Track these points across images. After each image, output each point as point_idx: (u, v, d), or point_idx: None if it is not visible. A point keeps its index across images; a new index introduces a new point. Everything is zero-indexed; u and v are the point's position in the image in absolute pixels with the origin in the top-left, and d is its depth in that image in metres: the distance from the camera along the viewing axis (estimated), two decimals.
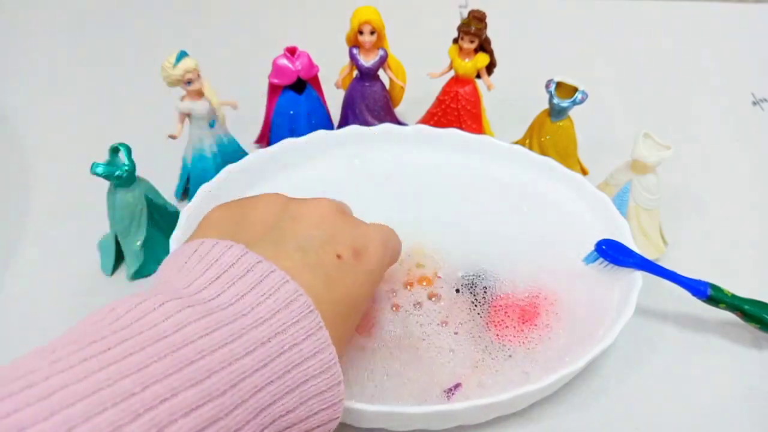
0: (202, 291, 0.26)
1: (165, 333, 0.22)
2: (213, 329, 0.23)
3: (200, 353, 0.22)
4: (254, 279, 0.26)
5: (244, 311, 0.25)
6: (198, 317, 0.23)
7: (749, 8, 0.84)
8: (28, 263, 0.48)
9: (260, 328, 0.24)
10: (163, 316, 0.23)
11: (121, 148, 0.43)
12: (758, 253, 0.50)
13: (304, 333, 0.25)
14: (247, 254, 0.26)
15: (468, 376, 0.37)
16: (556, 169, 0.48)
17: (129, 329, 0.23)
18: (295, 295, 0.25)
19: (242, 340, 0.23)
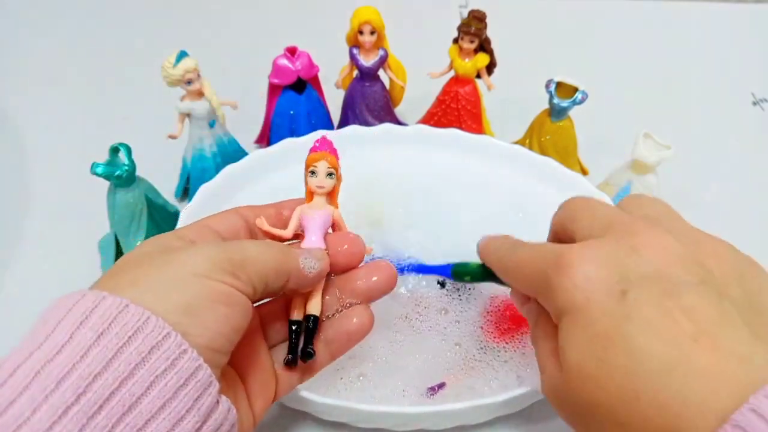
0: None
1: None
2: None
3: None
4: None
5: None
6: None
7: (749, 8, 0.84)
8: (28, 263, 0.48)
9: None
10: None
11: (121, 148, 0.43)
12: (758, 253, 0.50)
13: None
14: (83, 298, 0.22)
15: (458, 378, 0.37)
16: (556, 169, 0.48)
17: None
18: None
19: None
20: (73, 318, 0.21)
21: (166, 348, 0.22)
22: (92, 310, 0.22)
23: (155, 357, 0.21)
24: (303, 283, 0.28)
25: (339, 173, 0.32)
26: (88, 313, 0.21)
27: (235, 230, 0.30)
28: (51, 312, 0.22)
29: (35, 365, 0.20)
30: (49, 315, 0.22)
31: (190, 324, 0.23)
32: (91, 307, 0.22)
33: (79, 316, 0.21)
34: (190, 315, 0.23)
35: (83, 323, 0.21)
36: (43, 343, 0.21)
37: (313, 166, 0.31)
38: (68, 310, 0.22)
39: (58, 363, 0.20)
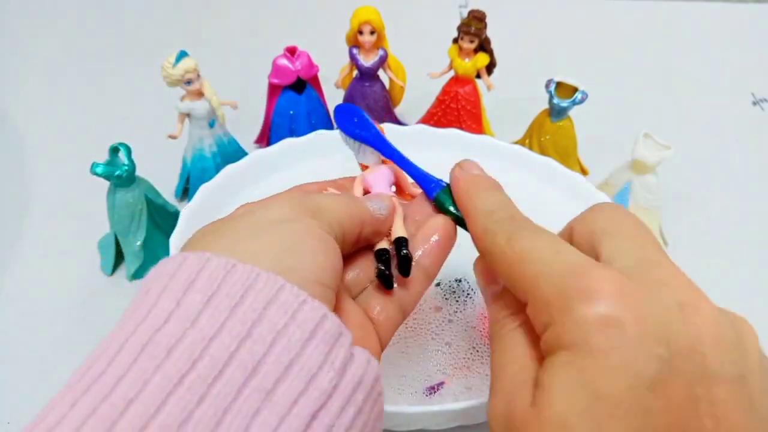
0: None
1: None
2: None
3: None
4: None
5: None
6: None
7: (749, 8, 0.84)
8: (28, 263, 0.48)
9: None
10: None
11: (121, 148, 0.43)
12: (758, 252, 0.50)
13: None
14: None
15: (456, 377, 0.37)
16: (556, 169, 0.48)
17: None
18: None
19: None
20: (178, 284, 0.20)
21: (283, 301, 0.19)
22: (198, 273, 0.20)
23: (273, 312, 0.19)
24: (377, 227, 0.27)
25: (382, 128, 0.32)
26: (193, 276, 0.20)
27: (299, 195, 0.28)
28: (152, 281, 0.20)
29: (142, 338, 0.18)
30: (151, 284, 0.20)
31: (292, 259, 0.21)
32: (196, 270, 0.20)
33: (185, 282, 0.20)
34: (289, 252, 0.21)
35: (190, 288, 0.19)
36: (148, 315, 0.19)
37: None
38: (171, 277, 0.20)
39: (167, 332, 0.18)
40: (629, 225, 0.23)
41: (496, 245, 0.24)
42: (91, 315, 0.44)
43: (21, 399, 0.39)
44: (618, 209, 0.25)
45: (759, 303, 0.46)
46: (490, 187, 0.27)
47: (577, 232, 0.25)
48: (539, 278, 0.21)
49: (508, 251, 0.23)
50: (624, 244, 0.22)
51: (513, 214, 0.25)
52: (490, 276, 0.26)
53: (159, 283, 0.20)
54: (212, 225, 0.24)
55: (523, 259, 0.22)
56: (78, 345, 0.42)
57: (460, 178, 0.28)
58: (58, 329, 0.43)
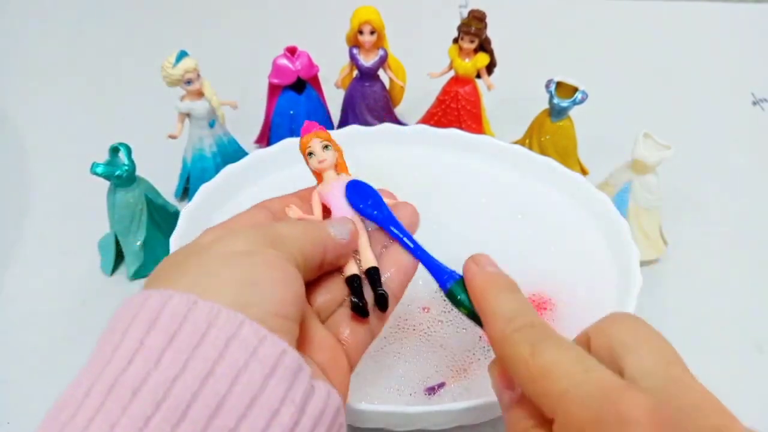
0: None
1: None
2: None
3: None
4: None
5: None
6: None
7: (749, 8, 0.84)
8: (28, 263, 0.48)
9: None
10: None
11: (121, 148, 0.43)
12: (758, 252, 0.50)
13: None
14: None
15: (455, 378, 0.37)
16: (556, 169, 0.48)
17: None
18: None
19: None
20: (141, 323, 0.20)
21: (243, 338, 0.20)
22: (160, 311, 0.20)
23: (234, 349, 0.19)
24: (339, 251, 0.27)
25: (336, 145, 0.31)
26: (155, 315, 0.20)
27: (258, 224, 0.28)
28: (117, 320, 0.21)
29: (108, 380, 0.19)
30: (115, 323, 0.21)
31: (252, 294, 0.21)
32: (158, 308, 0.20)
33: (148, 320, 0.20)
34: (249, 286, 0.21)
35: (153, 327, 0.20)
36: (114, 355, 0.19)
37: (308, 148, 0.31)
38: (134, 316, 0.20)
39: (131, 373, 0.19)
40: (651, 340, 0.23)
41: (518, 356, 0.22)
42: (91, 315, 0.44)
43: (21, 399, 0.39)
44: (638, 322, 0.24)
45: (759, 303, 0.46)
46: (507, 288, 0.26)
47: (596, 344, 0.24)
48: (568, 398, 0.20)
49: (532, 364, 0.22)
50: (648, 362, 0.22)
51: (533, 321, 0.24)
52: (507, 381, 0.25)
53: (123, 322, 0.20)
54: (175, 257, 0.24)
55: (549, 375, 0.21)
56: (78, 345, 0.42)
57: (475, 274, 0.27)
58: (58, 329, 0.43)
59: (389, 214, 0.30)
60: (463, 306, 0.27)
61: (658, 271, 0.48)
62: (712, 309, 0.45)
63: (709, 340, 0.43)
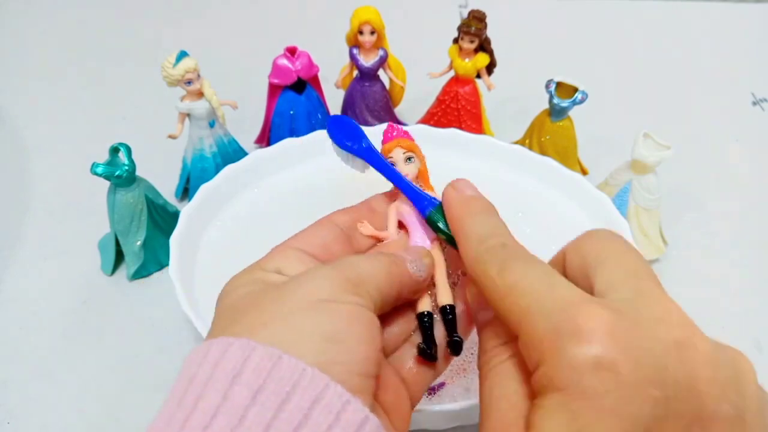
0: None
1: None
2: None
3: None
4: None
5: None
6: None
7: (749, 8, 0.84)
8: (28, 263, 0.48)
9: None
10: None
11: (121, 148, 0.43)
12: (758, 252, 0.50)
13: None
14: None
15: (455, 378, 0.37)
16: (556, 169, 0.48)
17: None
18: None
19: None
20: (223, 374, 0.19)
21: (328, 401, 0.19)
22: (243, 363, 0.19)
23: (318, 412, 0.19)
24: (415, 287, 0.26)
25: (420, 154, 0.30)
26: (239, 367, 0.19)
27: (325, 244, 0.27)
28: (195, 366, 0.20)
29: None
30: (195, 370, 0.20)
31: (337, 352, 0.20)
32: (241, 360, 0.19)
33: (230, 372, 0.19)
34: (334, 343, 0.21)
35: (235, 380, 0.19)
36: (195, 408, 0.19)
37: (390, 158, 0.29)
38: (215, 365, 0.19)
39: (216, 429, 0.18)
40: (623, 253, 0.22)
41: (487, 275, 0.22)
42: (91, 315, 0.44)
43: (21, 399, 0.39)
44: (611, 236, 0.24)
45: (759, 303, 0.46)
46: (483, 210, 0.26)
47: (570, 260, 0.24)
48: (531, 313, 0.20)
49: (500, 282, 0.22)
50: (618, 275, 0.21)
51: (505, 242, 0.24)
52: (482, 302, 0.25)
53: (204, 371, 0.20)
54: (246, 287, 0.23)
55: (515, 292, 0.21)
56: (78, 345, 0.42)
57: (453, 198, 0.26)
58: (58, 329, 0.43)
59: (369, 145, 0.29)
60: (441, 231, 0.27)
61: (658, 271, 0.47)
62: (711, 309, 0.45)
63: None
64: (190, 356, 0.21)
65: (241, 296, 0.23)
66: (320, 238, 0.27)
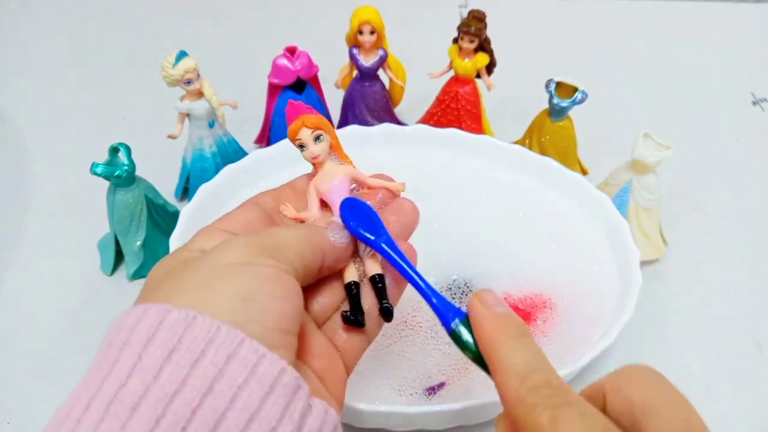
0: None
1: None
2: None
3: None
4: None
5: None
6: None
7: (749, 8, 0.84)
8: (28, 263, 0.48)
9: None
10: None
11: (121, 148, 0.43)
12: (758, 252, 0.50)
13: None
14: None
15: (456, 378, 0.37)
16: (556, 169, 0.48)
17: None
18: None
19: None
20: (139, 337, 0.20)
21: (243, 356, 0.20)
22: (158, 325, 0.20)
23: (233, 367, 0.19)
24: (338, 255, 0.27)
25: (329, 129, 0.29)
26: (154, 330, 0.20)
27: (249, 223, 0.27)
28: (114, 333, 0.21)
29: (107, 395, 0.19)
30: (113, 337, 0.21)
31: (252, 310, 0.21)
32: (156, 323, 0.20)
33: (146, 334, 0.20)
34: (249, 302, 0.21)
35: (151, 341, 0.19)
36: (112, 370, 0.19)
37: (298, 140, 0.29)
38: (131, 330, 0.20)
39: (130, 389, 0.19)
40: (673, 401, 0.21)
41: (535, 423, 0.20)
42: (91, 315, 0.44)
43: (21, 399, 0.39)
44: (658, 379, 0.22)
45: (759, 303, 0.46)
46: (519, 334, 0.23)
47: (613, 403, 0.22)
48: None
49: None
50: (670, 427, 0.20)
51: (549, 379, 0.22)
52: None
53: (120, 337, 0.20)
54: (168, 264, 0.24)
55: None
56: (78, 345, 0.42)
57: (483, 317, 0.24)
58: (58, 329, 0.43)
59: (389, 239, 0.27)
60: (468, 350, 0.24)
61: (658, 271, 0.48)
62: (712, 309, 0.45)
63: (709, 340, 0.43)
64: (110, 327, 0.21)
65: (162, 273, 0.24)
66: (244, 218, 0.28)
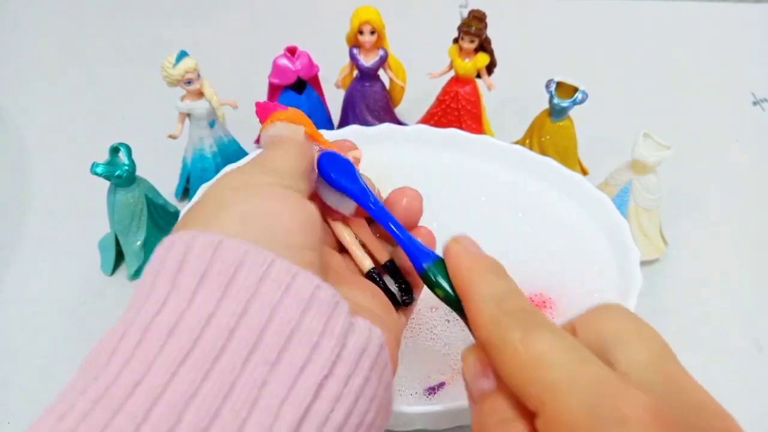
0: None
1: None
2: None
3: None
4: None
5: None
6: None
7: (749, 8, 0.84)
8: (28, 263, 0.48)
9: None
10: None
11: (121, 148, 0.43)
12: (758, 252, 0.50)
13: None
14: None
15: (456, 378, 0.37)
16: (556, 169, 0.48)
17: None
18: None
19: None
20: (170, 266, 0.20)
21: (275, 275, 0.20)
22: (185, 252, 0.20)
23: (266, 287, 0.19)
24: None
25: (300, 120, 0.29)
26: (182, 257, 0.20)
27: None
28: (147, 267, 0.21)
29: (142, 323, 0.19)
30: (147, 270, 0.21)
31: (253, 229, 0.21)
32: (184, 250, 0.20)
33: (175, 263, 0.20)
34: (248, 222, 0.21)
35: (181, 269, 0.20)
36: (147, 300, 0.20)
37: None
38: (162, 260, 0.20)
39: (165, 314, 0.19)
40: (644, 334, 0.22)
41: (506, 340, 0.20)
42: (91, 315, 0.44)
43: (21, 399, 0.39)
44: (627, 313, 0.23)
45: (759, 303, 0.46)
46: (494, 268, 0.24)
47: (583, 334, 0.22)
48: (560, 390, 0.19)
49: (522, 350, 0.20)
50: (642, 356, 0.20)
51: (524, 306, 0.22)
52: (484, 369, 0.23)
53: (153, 268, 0.21)
54: (197, 205, 0.24)
55: (541, 363, 0.19)
56: (78, 345, 0.42)
57: (458, 254, 0.24)
58: (58, 329, 0.43)
59: (362, 184, 0.28)
60: (440, 288, 0.25)
61: (658, 271, 0.48)
62: (712, 309, 0.45)
63: (709, 340, 0.43)
64: (147, 263, 0.22)
65: (191, 207, 0.24)
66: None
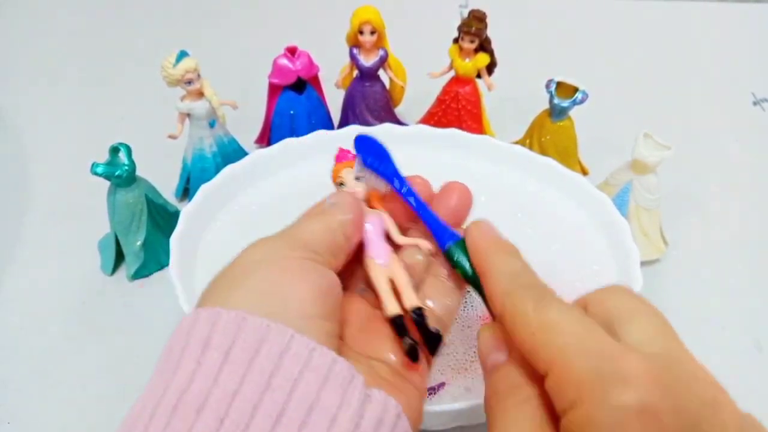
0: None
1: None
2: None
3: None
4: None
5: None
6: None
7: (749, 8, 0.84)
8: (28, 263, 0.48)
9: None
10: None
11: (121, 148, 0.43)
12: (758, 252, 0.50)
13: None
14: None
15: (455, 378, 0.37)
16: (556, 169, 0.48)
17: None
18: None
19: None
20: (196, 342, 0.21)
21: (295, 351, 0.20)
22: (211, 329, 0.21)
23: (288, 361, 0.20)
24: (348, 227, 0.27)
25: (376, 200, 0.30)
26: (207, 333, 0.21)
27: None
28: (173, 340, 0.22)
29: (171, 400, 0.20)
30: (173, 343, 0.22)
31: (271, 302, 0.22)
32: (209, 327, 0.21)
33: (201, 339, 0.21)
34: (267, 295, 0.22)
35: (207, 346, 0.20)
36: (174, 376, 0.20)
37: (339, 178, 0.30)
38: (188, 335, 0.21)
39: (193, 392, 0.20)
40: (651, 314, 0.23)
41: (520, 309, 0.22)
42: (91, 315, 0.44)
43: (21, 399, 0.39)
44: (633, 294, 0.24)
45: (759, 303, 0.46)
46: (511, 250, 0.26)
47: (593, 311, 0.23)
48: (568, 353, 0.20)
49: (535, 317, 0.22)
50: (648, 333, 0.22)
51: (536, 282, 0.24)
52: (495, 343, 0.25)
53: (179, 342, 0.21)
54: (221, 275, 0.24)
55: (552, 329, 0.21)
56: (78, 345, 0.42)
57: (478, 236, 0.27)
58: (58, 329, 0.43)
59: (395, 168, 0.29)
60: (460, 266, 0.27)
61: (658, 271, 0.48)
62: (712, 309, 0.45)
63: (709, 340, 0.43)
64: (171, 335, 0.22)
65: (217, 278, 0.25)
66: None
